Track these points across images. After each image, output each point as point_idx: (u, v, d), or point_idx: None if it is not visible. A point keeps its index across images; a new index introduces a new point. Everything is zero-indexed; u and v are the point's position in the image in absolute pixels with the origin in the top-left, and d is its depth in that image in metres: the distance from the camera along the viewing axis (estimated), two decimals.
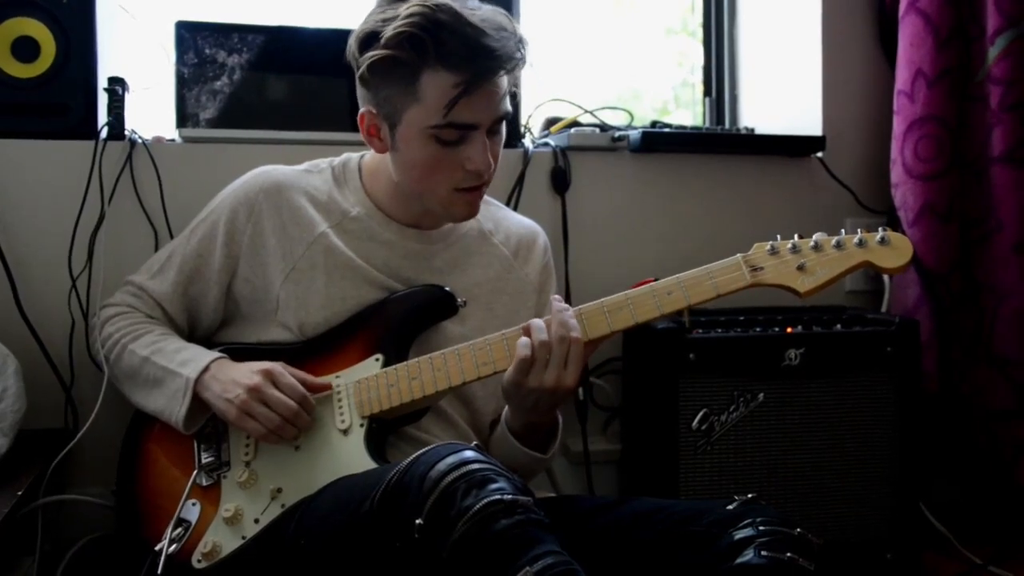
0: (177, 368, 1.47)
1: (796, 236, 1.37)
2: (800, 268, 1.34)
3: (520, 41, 1.41)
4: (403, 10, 1.37)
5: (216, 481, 1.45)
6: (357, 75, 1.46)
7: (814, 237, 1.36)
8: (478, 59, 1.37)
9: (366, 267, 1.53)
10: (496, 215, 1.70)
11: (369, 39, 1.41)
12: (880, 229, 1.35)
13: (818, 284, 1.33)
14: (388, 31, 1.37)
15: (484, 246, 1.63)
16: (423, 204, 1.52)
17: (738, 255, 1.38)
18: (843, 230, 1.37)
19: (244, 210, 1.55)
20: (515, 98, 1.52)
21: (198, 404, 1.45)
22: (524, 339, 1.36)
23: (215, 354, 1.48)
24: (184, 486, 1.43)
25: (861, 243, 1.33)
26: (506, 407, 1.52)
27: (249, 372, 1.42)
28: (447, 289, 1.52)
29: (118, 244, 1.82)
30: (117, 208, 1.84)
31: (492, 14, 1.40)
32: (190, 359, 1.47)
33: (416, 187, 1.49)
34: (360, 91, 1.48)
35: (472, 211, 1.52)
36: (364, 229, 1.55)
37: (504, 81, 1.42)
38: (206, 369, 1.45)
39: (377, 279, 1.53)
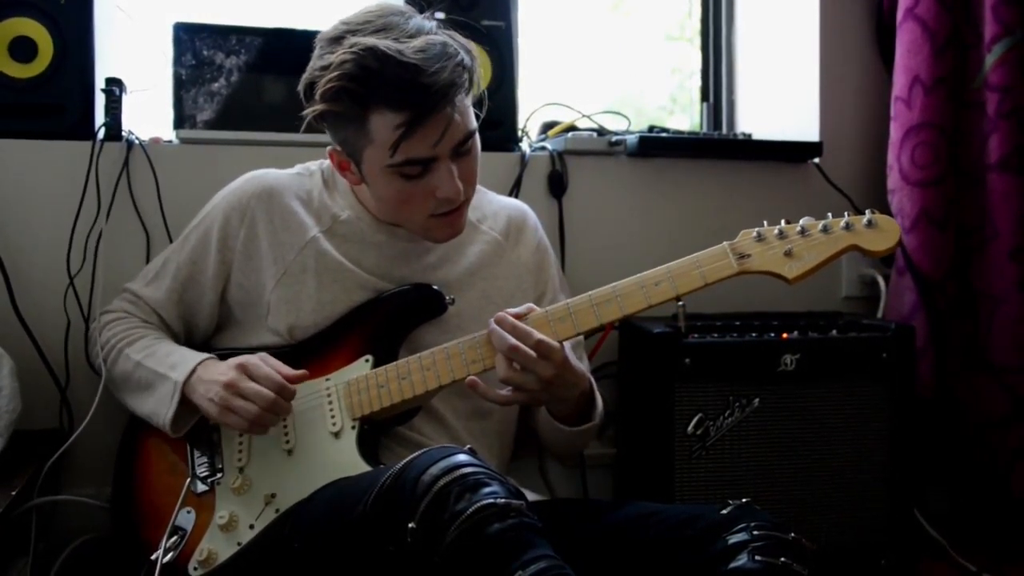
0: (166, 372, 1.47)
1: (783, 222, 1.36)
2: (787, 254, 1.33)
3: (460, 65, 1.36)
4: (336, 57, 1.34)
5: (211, 488, 1.45)
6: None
7: (800, 222, 1.35)
8: (414, 98, 1.33)
9: (357, 271, 1.53)
10: (480, 201, 1.68)
11: (309, 90, 1.40)
12: (867, 212, 1.34)
13: (806, 269, 1.33)
14: (321, 85, 1.36)
15: (473, 235, 1.63)
16: (407, 229, 1.53)
17: (724, 243, 1.37)
18: (829, 214, 1.37)
19: (237, 216, 1.55)
20: (481, 106, 1.47)
21: (186, 407, 1.45)
22: (500, 360, 1.37)
23: (202, 356, 1.48)
24: (179, 493, 1.43)
25: (848, 226, 1.33)
26: None
27: (225, 368, 1.42)
28: (435, 288, 1.52)
29: (115, 245, 1.82)
30: (114, 209, 1.84)
31: (429, 43, 1.35)
32: (179, 362, 1.47)
33: (393, 217, 1.51)
34: (327, 129, 1.46)
35: (454, 232, 1.51)
36: (354, 232, 1.56)
37: (455, 105, 1.37)
38: (193, 372, 1.45)
39: (368, 282, 1.53)
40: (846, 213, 1.35)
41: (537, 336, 1.35)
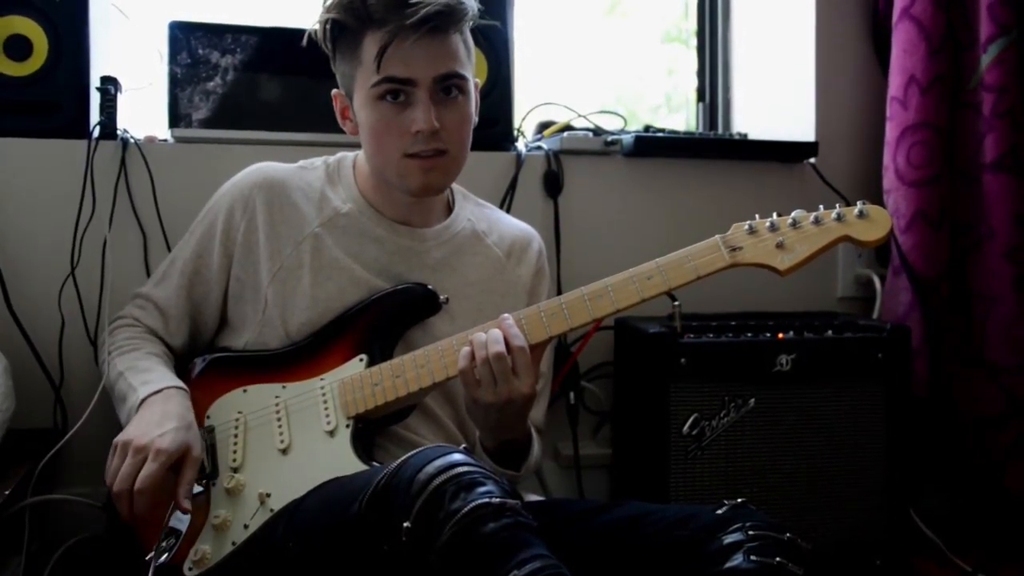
0: (138, 386, 1.44)
1: (775, 214, 1.36)
2: (779, 246, 1.34)
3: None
4: None
5: (205, 489, 1.44)
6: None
7: (792, 214, 1.35)
8: (400, 9, 1.39)
9: (353, 267, 1.53)
10: (491, 217, 1.70)
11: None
12: (859, 203, 1.34)
13: (798, 261, 1.33)
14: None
15: (477, 246, 1.63)
16: (386, 179, 1.52)
17: (716, 236, 1.37)
18: (821, 206, 1.37)
19: (240, 206, 1.55)
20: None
21: None
22: (465, 349, 1.37)
23: (172, 382, 1.46)
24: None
25: (839, 217, 1.33)
26: None
27: (152, 429, 1.35)
28: (429, 287, 1.53)
29: (110, 243, 1.81)
30: (109, 207, 1.84)
31: None
32: (151, 380, 1.45)
33: (375, 159, 1.51)
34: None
35: (428, 182, 1.50)
36: (355, 225, 1.56)
37: (442, 39, 1.43)
38: (159, 392, 1.42)
39: (363, 279, 1.53)
40: (837, 204, 1.35)
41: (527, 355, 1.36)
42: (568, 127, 2.20)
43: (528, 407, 1.40)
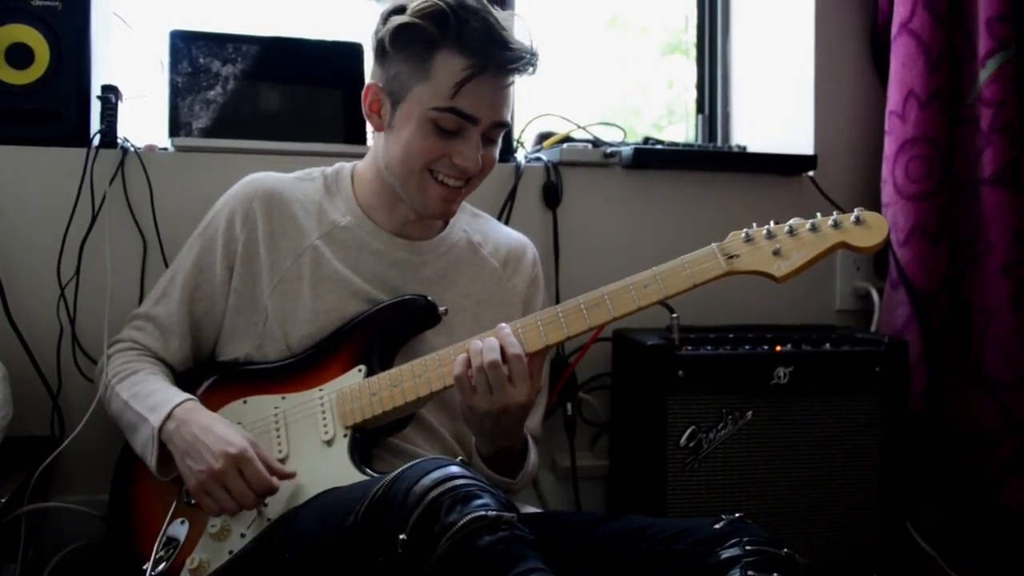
0: (146, 414, 1.43)
1: (772, 222, 1.36)
2: (776, 253, 1.33)
3: (533, 49, 1.45)
4: None
5: None
6: (375, 48, 1.48)
7: (789, 222, 1.35)
8: (495, 48, 1.40)
9: (353, 279, 1.53)
10: (485, 228, 1.70)
11: (396, 11, 1.44)
12: (856, 209, 1.34)
13: (794, 268, 1.32)
14: (416, 2, 1.42)
15: (473, 257, 1.64)
16: (401, 193, 1.52)
17: (713, 244, 1.37)
18: (818, 213, 1.37)
19: (240, 218, 1.55)
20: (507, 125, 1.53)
21: (168, 452, 1.41)
22: (461, 356, 1.37)
23: (181, 397, 1.44)
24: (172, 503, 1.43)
25: (836, 224, 1.33)
26: None
27: (214, 454, 1.34)
28: (429, 299, 1.52)
29: (108, 252, 1.81)
30: (107, 216, 1.83)
31: (515, 19, 1.46)
32: (158, 404, 1.43)
33: (398, 170, 1.50)
34: (374, 67, 1.50)
35: (445, 210, 1.52)
36: (353, 238, 1.56)
37: (510, 85, 1.45)
38: (169, 416, 1.40)
39: (363, 291, 1.53)
40: (834, 212, 1.35)
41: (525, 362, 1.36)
42: (567, 138, 2.20)
43: (524, 416, 1.40)
